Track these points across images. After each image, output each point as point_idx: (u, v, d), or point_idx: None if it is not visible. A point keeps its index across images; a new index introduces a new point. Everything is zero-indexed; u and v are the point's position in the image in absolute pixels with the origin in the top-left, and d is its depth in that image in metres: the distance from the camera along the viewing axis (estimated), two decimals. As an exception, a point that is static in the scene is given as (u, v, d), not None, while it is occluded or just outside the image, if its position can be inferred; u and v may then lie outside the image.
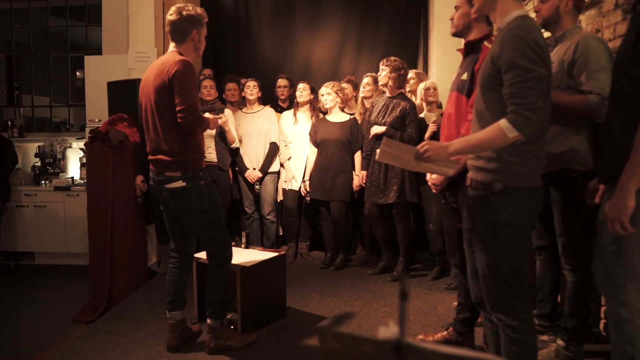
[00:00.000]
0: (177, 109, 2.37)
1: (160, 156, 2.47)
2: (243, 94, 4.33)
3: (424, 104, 3.81)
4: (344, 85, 4.30)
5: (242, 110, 4.34)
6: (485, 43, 2.16)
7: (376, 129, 3.67)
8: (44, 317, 3.61)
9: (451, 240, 2.53)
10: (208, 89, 4.06)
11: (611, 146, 1.67)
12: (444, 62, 4.53)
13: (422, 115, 3.76)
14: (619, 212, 1.56)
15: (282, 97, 4.57)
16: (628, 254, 1.64)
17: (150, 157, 2.54)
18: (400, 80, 3.66)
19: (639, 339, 1.65)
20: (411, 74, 4.02)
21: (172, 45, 2.52)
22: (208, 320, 2.63)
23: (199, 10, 2.50)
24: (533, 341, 1.77)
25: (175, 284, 2.66)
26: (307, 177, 4.24)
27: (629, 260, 1.64)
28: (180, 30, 2.46)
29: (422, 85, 3.81)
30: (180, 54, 2.45)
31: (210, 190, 2.54)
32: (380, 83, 3.78)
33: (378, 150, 1.89)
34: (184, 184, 2.45)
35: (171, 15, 2.46)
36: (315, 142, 4.17)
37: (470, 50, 2.23)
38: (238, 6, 5.36)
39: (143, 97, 2.52)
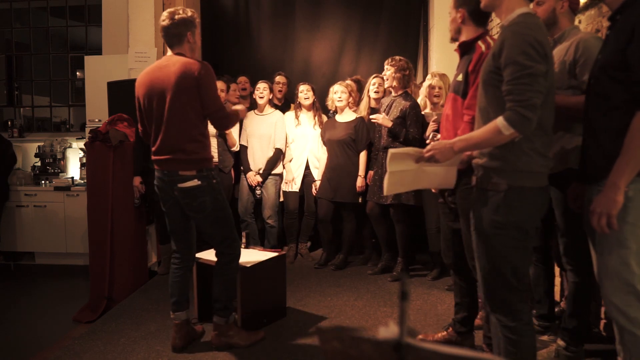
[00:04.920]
0: (210, 111, 2.44)
1: (174, 155, 2.44)
2: (253, 96, 4.30)
3: (428, 102, 3.71)
4: (349, 82, 4.21)
5: (255, 111, 4.28)
6: (479, 43, 2.17)
7: (379, 118, 3.58)
8: (44, 317, 3.61)
9: (446, 240, 2.53)
10: None
11: (597, 147, 1.70)
12: (444, 62, 4.52)
13: (424, 112, 3.73)
14: (609, 207, 1.58)
15: (279, 96, 4.55)
16: (604, 253, 1.66)
17: (159, 156, 2.50)
18: (405, 80, 3.61)
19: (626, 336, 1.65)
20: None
21: (169, 50, 2.52)
22: (214, 318, 2.63)
23: (189, 12, 2.50)
24: (532, 342, 1.77)
25: (179, 285, 2.66)
26: (318, 177, 4.21)
27: (605, 259, 1.66)
28: (175, 35, 2.47)
29: (427, 83, 3.68)
30: (182, 55, 2.46)
31: (221, 188, 2.57)
32: (386, 85, 3.75)
33: (385, 186, 1.94)
34: (199, 182, 2.45)
35: (164, 21, 2.46)
36: (324, 143, 4.17)
37: (465, 51, 2.25)
38: (238, 6, 5.33)
39: (147, 98, 2.47)
